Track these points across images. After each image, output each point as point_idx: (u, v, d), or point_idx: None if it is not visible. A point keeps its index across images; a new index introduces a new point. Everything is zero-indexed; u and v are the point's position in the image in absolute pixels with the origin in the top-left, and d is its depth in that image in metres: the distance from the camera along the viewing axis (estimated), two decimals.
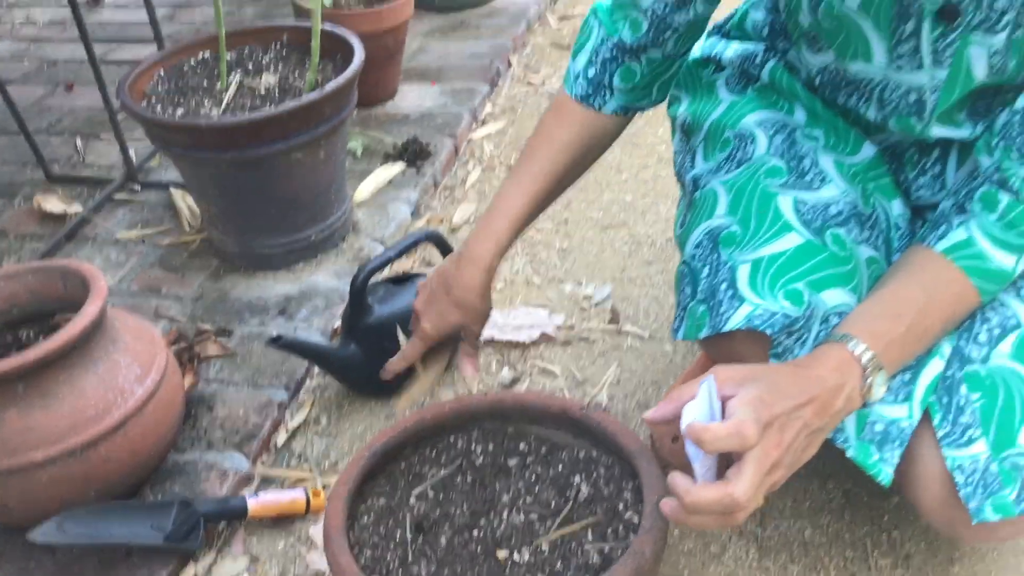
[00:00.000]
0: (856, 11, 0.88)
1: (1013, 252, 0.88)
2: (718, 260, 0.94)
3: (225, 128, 1.48)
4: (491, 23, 2.66)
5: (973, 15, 0.82)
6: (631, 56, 1.06)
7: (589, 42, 1.08)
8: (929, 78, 0.89)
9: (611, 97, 1.09)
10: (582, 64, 1.09)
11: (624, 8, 1.04)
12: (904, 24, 0.86)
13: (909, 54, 0.88)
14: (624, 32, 1.05)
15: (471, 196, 1.98)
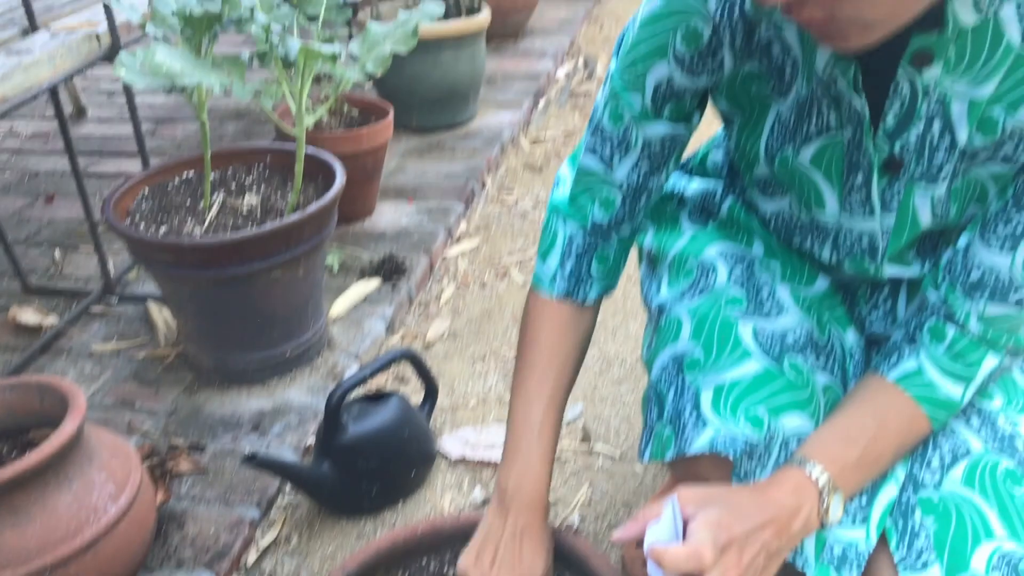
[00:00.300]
0: (808, 165, 0.94)
1: (960, 382, 0.94)
2: (683, 383, 0.98)
3: (208, 247, 1.52)
4: (466, 144, 2.75)
5: (915, 167, 0.89)
6: (604, 237, 1.07)
7: (557, 241, 1.09)
8: (879, 224, 0.95)
9: (591, 287, 1.09)
10: (555, 264, 1.09)
11: (590, 191, 1.05)
12: (854, 175, 0.92)
13: (860, 203, 0.94)
14: (595, 214, 1.06)
15: (445, 312, 2.02)
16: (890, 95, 0.84)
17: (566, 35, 3.70)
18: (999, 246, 0.89)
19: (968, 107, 0.83)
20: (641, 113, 0.97)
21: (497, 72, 3.29)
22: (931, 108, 0.84)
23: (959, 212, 0.93)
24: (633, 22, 0.96)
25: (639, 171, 1.02)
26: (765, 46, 0.90)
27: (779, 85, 0.92)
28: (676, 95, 0.95)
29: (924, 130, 0.86)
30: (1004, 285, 0.90)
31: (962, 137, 0.85)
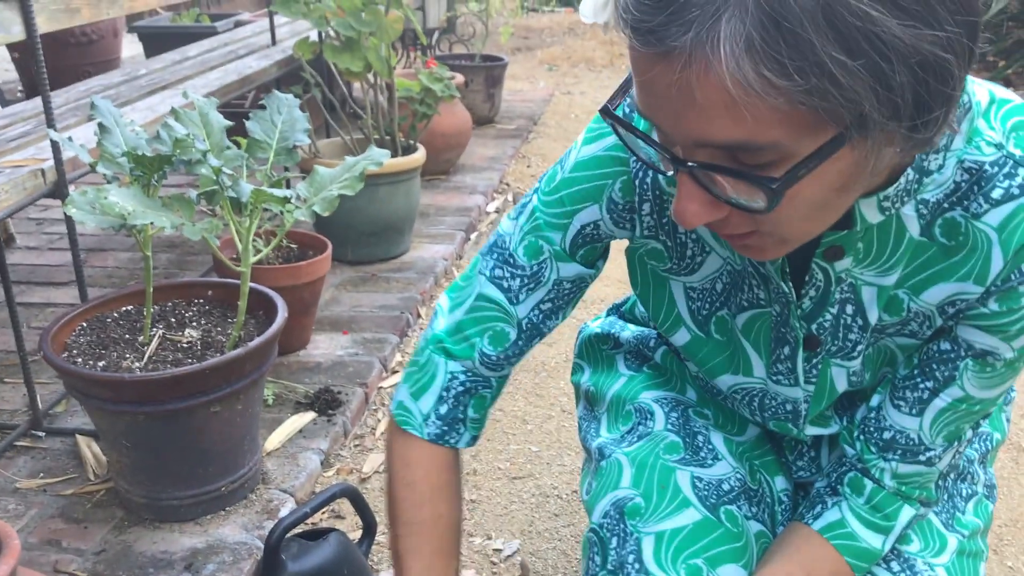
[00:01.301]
0: (739, 332, 1.01)
1: (880, 533, 1.00)
2: (625, 532, 1.02)
3: (148, 382, 1.52)
4: (401, 276, 2.81)
5: (831, 344, 0.96)
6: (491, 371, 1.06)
7: (435, 381, 1.05)
8: (802, 392, 1.02)
9: (465, 431, 1.08)
10: (430, 405, 1.05)
11: (483, 322, 1.03)
12: (781, 348, 0.99)
13: (786, 372, 1.01)
14: (483, 346, 1.03)
15: (381, 445, 2.03)
16: (805, 283, 0.91)
17: (495, 171, 3.85)
18: (908, 410, 0.96)
19: (877, 292, 0.90)
20: (559, 252, 0.98)
21: (430, 206, 3.39)
22: (843, 293, 0.91)
23: (872, 377, 1.01)
24: (563, 163, 0.98)
25: (542, 310, 1.02)
26: (673, 224, 0.95)
27: (679, 264, 0.98)
28: (595, 240, 0.98)
29: (838, 312, 0.93)
30: (914, 444, 0.97)
31: (872, 318, 0.92)
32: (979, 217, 0.83)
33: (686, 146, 0.68)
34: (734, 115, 0.62)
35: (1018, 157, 0.81)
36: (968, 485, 1.14)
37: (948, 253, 0.86)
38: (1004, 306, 0.85)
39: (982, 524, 1.13)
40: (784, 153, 0.65)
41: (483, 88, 4.50)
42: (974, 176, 0.82)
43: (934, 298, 0.88)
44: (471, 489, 1.87)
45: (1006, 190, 0.81)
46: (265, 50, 3.26)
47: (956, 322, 0.90)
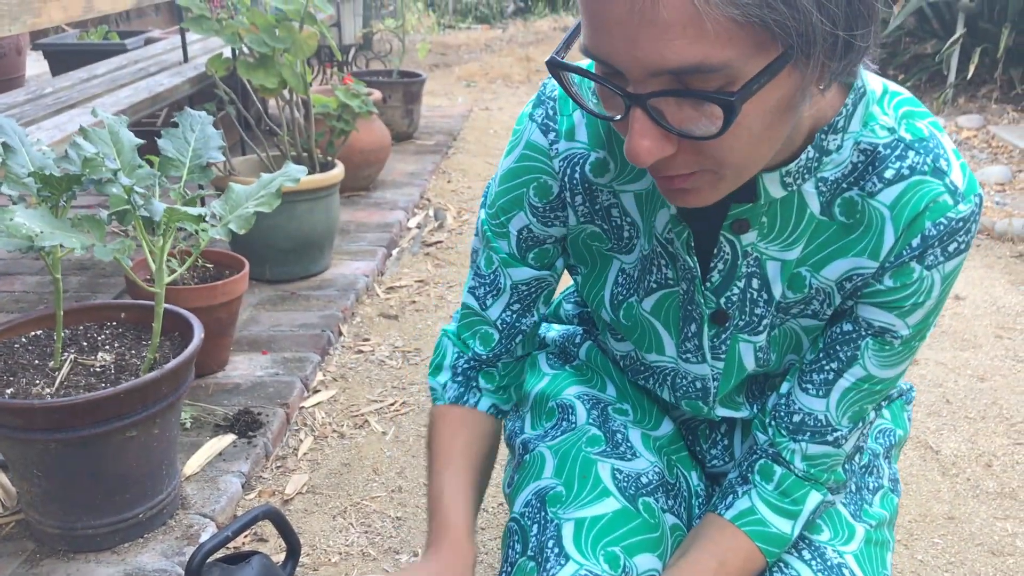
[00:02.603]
0: (649, 313, 1.05)
1: (788, 518, 1.04)
2: (545, 518, 1.04)
3: (60, 408, 1.48)
4: (321, 294, 2.79)
5: (738, 319, 1.01)
6: (488, 365, 1.14)
7: (446, 359, 1.14)
8: (710, 369, 1.06)
9: (481, 397, 1.13)
10: (445, 378, 1.14)
11: (471, 327, 1.11)
12: (688, 325, 1.03)
13: (694, 349, 1.05)
14: (476, 347, 1.12)
15: (303, 466, 2.00)
16: (714, 256, 0.96)
17: (416, 187, 3.84)
18: (815, 392, 1.01)
19: (780, 267, 0.95)
20: (509, 257, 1.05)
21: (350, 223, 3.37)
22: (749, 267, 0.96)
23: (778, 360, 1.05)
24: (495, 178, 1.06)
25: (511, 312, 1.09)
26: (606, 209, 1.00)
27: (618, 244, 1.02)
28: (538, 242, 1.04)
29: (744, 286, 0.98)
30: (822, 426, 1.01)
31: (777, 293, 0.97)
32: (874, 196, 0.89)
33: (638, 80, 0.70)
34: (692, 34, 0.65)
35: (908, 141, 0.87)
36: (875, 478, 1.19)
37: (846, 231, 0.91)
38: (898, 281, 0.91)
39: (888, 515, 1.18)
40: (733, 76, 0.68)
41: (401, 104, 4.50)
42: (869, 157, 0.88)
43: (833, 274, 0.94)
44: (397, 506, 1.86)
45: (897, 171, 0.87)
46: (177, 67, 3.20)
47: (855, 301, 0.95)
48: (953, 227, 0.88)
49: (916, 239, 0.88)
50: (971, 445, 2.15)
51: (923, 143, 0.88)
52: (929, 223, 0.87)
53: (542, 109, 0.99)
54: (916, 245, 0.89)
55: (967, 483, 2.00)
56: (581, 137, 0.97)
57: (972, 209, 0.88)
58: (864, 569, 1.09)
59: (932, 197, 0.87)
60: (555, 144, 0.98)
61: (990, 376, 2.47)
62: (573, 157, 0.98)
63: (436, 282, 3.02)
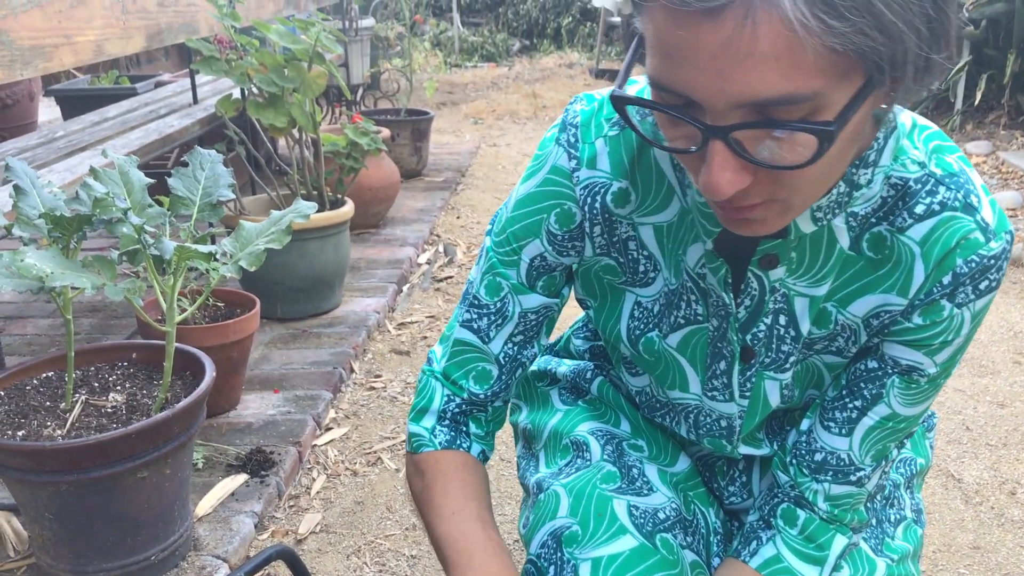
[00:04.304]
0: (674, 350, 1.03)
1: (815, 564, 1.01)
2: (562, 559, 1.01)
3: (71, 450, 1.47)
4: (332, 331, 2.78)
5: (764, 356, 0.99)
6: (479, 408, 1.10)
7: (433, 403, 1.08)
8: (737, 408, 1.04)
9: (472, 444, 1.09)
10: (431, 424, 1.08)
11: (464, 365, 1.06)
12: (717, 363, 1.01)
13: (721, 388, 1.03)
14: (472, 387, 1.07)
15: (316, 505, 1.98)
16: (742, 292, 0.94)
17: (425, 224, 3.85)
18: (837, 431, 0.99)
19: (808, 303, 0.93)
20: (517, 285, 1.02)
21: (361, 260, 3.37)
22: (777, 303, 0.94)
23: (800, 396, 1.03)
24: (507, 203, 1.03)
25: (515, 343, 1.05)
26: (624, 242, 0.99)
27: (633, 278, 1.01)
28: (549, 269, 1.02)
29: (772, 323, 0.96)
30: (845, 465, 0.99)
31: (804, 329, 0.95)
32: (903, 231, 0.87)
33: (719, 111, 0.68)
34: (785, 65, 0.64)
35: (939, 176, 0.86)
36: (896, 510, 1.16)
37: (875, 266, 0.89)
38: (927, 319, 0.89)
39: (911, 548, 1.15)
40: (819, 105, 0.66)
41: (410, 142, 4.53)
42: (899, 192, 0.86)
43: (860, 310, 0.92)
44: (411, 544, 1.84)
45: (928, 206, 0.86)
46: (187, 109, 3.23)
47: (882, 339, 0.93)
48: (985, 264, 0.86)
49: (947, 276, 0.87)
50: (994, 473, 2.11)
51: (954, 178, 0.86)
52: (960, 260, 0.86)
53: (566, 133, 0.96)
54: (947, 283, 0.87)
55: (991, 511, 1.97)
56: (603, 166, 0.95)
57: (1003, 246, 0.87)
58: None
59: (963, 234, 0.85)
60: (577, 171, 0.96)
61: (1010, 403, 2.43)
62: (594, 186, 0.95)
63: (447, 318, 3.01)
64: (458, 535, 0.99)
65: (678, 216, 0.94)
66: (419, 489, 1.08)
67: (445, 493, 1.04)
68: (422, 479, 1.07)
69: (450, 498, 1.03)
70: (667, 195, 0.94)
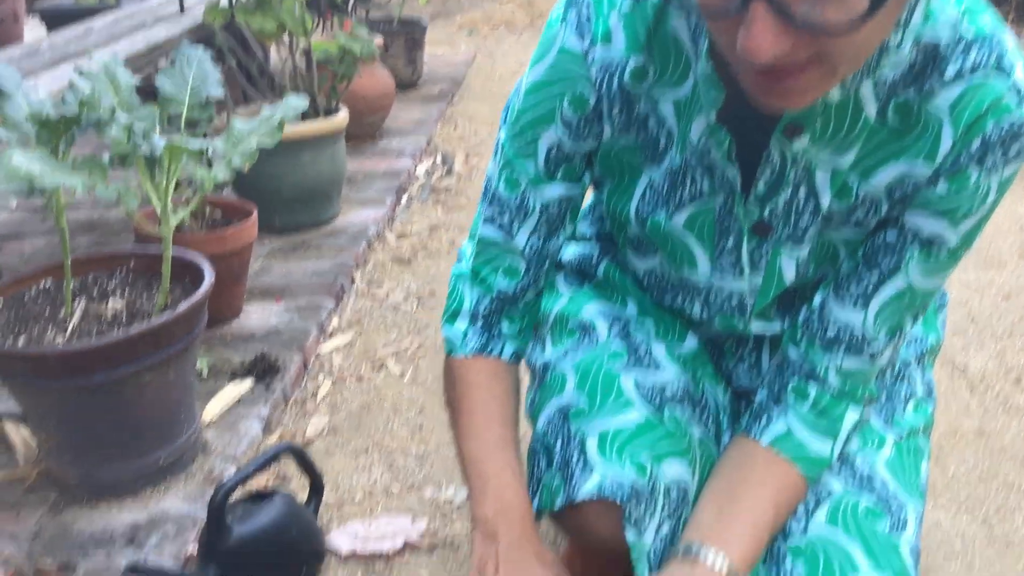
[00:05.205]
0: (681, 229, 1.00)
1: (827, 438, 1.00)
2: (569, 432, 1.01)
3: (73, 354, 1.46)
4: (332, 242, 2.75)
5: (782, 230, 0.96)
6: (511, 305, 1.08)
7: (464, 304, 1.08)
8: (748, 283, 1.02)
9: (505, 345, 1.08)
10: (464, 327, 1.07)
11: (492, 263, 1.05)
12: (725, 239, 0.99)
13: (731, 264, 1.01)
14: (500, 283, 1.05)
15: (323, 409, 1.99)
16: (762, 163, 0.91)
17: (422, 135, 3.79)
18: (852, 304, 0.96)
19: (831, 175, 0.90)
20: (536, 177, 0.99)
21: (358, 172, 3.33)
22: (798, 175, 0.91)
23: (816, 270, 1.01)
24: (517, 92, 1.00)
25: (539, 235, 1.03)
26: (642, 119, 0.95)
27: (652, 155, 0.97)
28: (567, 158, 0.98)
29: (791, 196, 0.93)
30: (858, 340, 0.97)
31: (824, 202, 0.92)
32: (932, 96, 0.84)
33: None
34: None
35: (970, 38, 0.82)
36: (907, 386, 1.16)
37: (901, 134, 0.86)
38: (953, 186, 0.86)
39: (922, 423, 1.14)
40: None
41: (404, 52, 4.43)
42: (929, 55, 0.83)
43: (884, 180, 0.89)
44: (419, 443, 1.85)
45: (958, 70, 0.82)
46: (174, 18, 3.15)
47: (904, 209, 0.90)
48: (1016, 130, 0.83)
49: (976, 141, 0.83)
50: (999, 362, 2.11)
51: (986, 40, 0.82)
52: (991, 124, 0.82)
53: (575, 11, 0.91)
54: (976, 148, 0.84)
55: (996, 399, 1.97)
56: (619, 41, 0.90)
57: None
58: (898, 477, 1.06)
59: (995, 98, 0.82)
60: (591, 50, 0.91)
61: (1016, 294, 2.42)
62: (611, 65, 0.91)
63: (447, 227, 2.98)
64: (478, 457, 1.01)
65: (693, 89, 0.91)
66: (451, 398, 1.09)
67: (472, 412, 1.05)
68: (453, 389, 1.08)
69: (476, 417, 1.04)
70: (685, 68, 0.90)
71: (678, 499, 0.98)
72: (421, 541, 1.55)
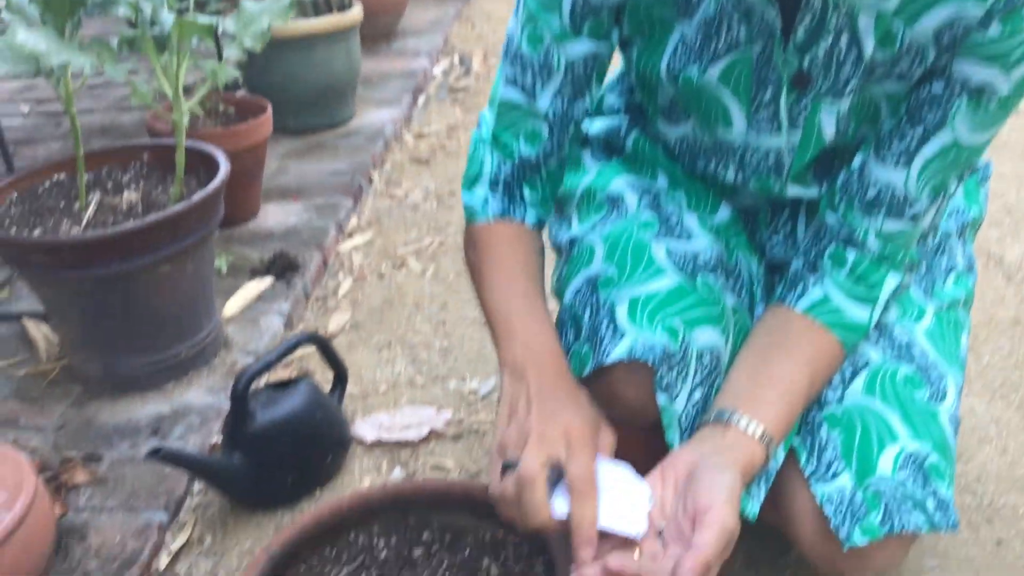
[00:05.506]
0: (715, 83, 0.95)
1: (865, 305, 0.96)
2: (597, 301, 0.97)
3: (89, 243, 1.43)
4: (348, 143, 2.70)
5: (822, 82, 0.91)
6: (532, 171, 1.03)
7: (484, 170, 1.03)
8: (786, 141, 0.97)
9: (526, 211, 1.04)
10: (484, 192, 1.03)
11: (513, 127, 1.01)
12: (762, 92, 0.93)
13: (768, 119, 0.95)
14: (522, 148, 1.01)
15: (344, 305, 1.97)
16: (801, 8, 0.85)
17: (438, 34, 3.69)
18: (894, 162, 0.91)
19: (875, 20, 0.85)
20: (561, 32, 0.94)
21: (373, 72, 3.25)
22: (840, 21, 0.85)
23: (856, 128, 0.96)
24: None
25: (563, 97, 0.98)
26: None
27: (684, 6, 0.92)
28: (594, 11, 0.93)
29: (832, 44, 0.87)
30: (900, 201, 0.92)
31: (867, 50, 0.86)
32: None
33: None
34: None
35: None
36: (947, 259, 1.11)
37: None
38: (1007, 27, 0.80)
39: (963, 296, 1.10)
40: None
41: None
42: None
43: (931, 24, 0.83)
44: (442, 337, 1.82)
45: None
46: None
47: (952, 55, 0.84)
48: None
49: None
50: None
51: None
52: None
53: None
54: None
55: None
56: None
57: None
58: (937, 347, 1.02)
59: None
60: None
61: None
62: None
63: (466, 127, 2.92)
64: (505, 309, 0.96)
65: None
66: (472, 262, 1.04)
67: (495, 267, 1.00)
68: (475, 252, 1.03)
69: (500, 272, 0.99)
70: None
71: (711, 366, 0.94)
72: (446, 430, 1.54)
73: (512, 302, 0.97)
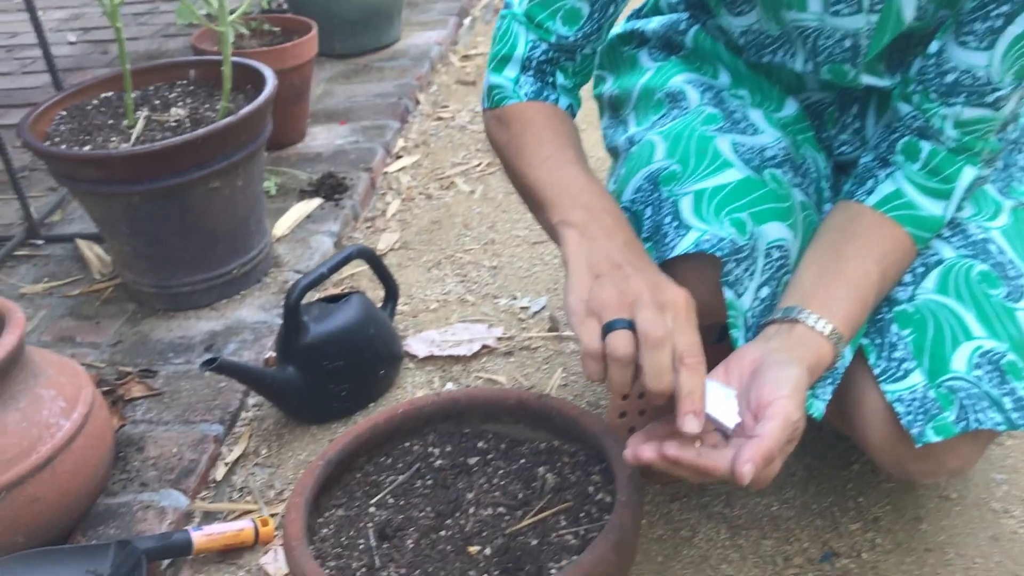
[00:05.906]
0: None
1: (940, 198, 0.91)
2: (659, 198, 0.93)
3: (138, 157, 1.42)
4: (394, 65, 2.66)
5: None
6: (567, 55, 0.98)
7: (516, 50, 0.97)
8: (865, 22, 0.91)
9: (559, 97, 0.99)
10: (514, 74, 0.97)
11: (550, 5, 0.95)
12: None
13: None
14: (560, 29, 0.95)
15: (393, 225, 1.95)
16: None
17: None
18: (976, 44, 0.85)
19: None
20: None
21: None
22: None
23: (935, 11, 0.90)
24: None
25: None
26: None
27: None
28: None
29: None
30: (981, 84, 0.87)
31: None
32: None
33: None
34: None
35: None
36: None
37: None
38: None
39: None
40: None
41: None
42: None
43: None
44: (491, 256, 1.80)
45: None
46: None
47: None
48: None
49: None
50: None
51: None
52: None
53: None
54: None
55: None
56: None
57: None
58: (1013, 245, 0.97)
59: None
60: None
61: None
62: None
63: None
64: (556, 178, 0.90)
65: None
66: (505, 140, 0.98)
67: (538, 140, 0.94)
68: (508, 130, 0.97)
69: (544, 145, 0.93)
70: None
71: (779, 262, 0.91)
72: (498, 345, 1.53)
73: (565, 168, 0.90)
